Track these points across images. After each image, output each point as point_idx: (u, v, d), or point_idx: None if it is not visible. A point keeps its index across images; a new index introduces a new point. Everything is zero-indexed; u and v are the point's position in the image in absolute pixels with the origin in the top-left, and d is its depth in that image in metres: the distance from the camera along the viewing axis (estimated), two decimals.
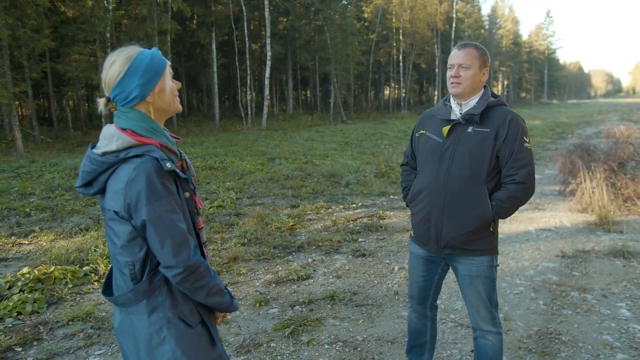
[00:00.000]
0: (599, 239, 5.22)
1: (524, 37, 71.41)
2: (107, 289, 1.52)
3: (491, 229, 2.15)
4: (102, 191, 1.38)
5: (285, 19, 32.97)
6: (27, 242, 5.40)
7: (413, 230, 2.35)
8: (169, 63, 1.47)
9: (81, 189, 1.42)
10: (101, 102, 1.42)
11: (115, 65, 1.38)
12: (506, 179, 2.08)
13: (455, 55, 2.12)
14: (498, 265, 2.24)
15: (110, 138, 1.36)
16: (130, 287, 1.39)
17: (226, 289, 1.51)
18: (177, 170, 1.38)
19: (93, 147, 1.40)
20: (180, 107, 1.50)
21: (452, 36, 43.07)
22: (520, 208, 2.19)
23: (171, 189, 1.35)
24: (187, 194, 1.45)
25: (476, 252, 2.15)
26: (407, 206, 2.37)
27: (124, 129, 1.38)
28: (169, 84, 1.45)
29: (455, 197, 2.10)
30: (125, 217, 1.32)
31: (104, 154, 1.35)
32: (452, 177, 2.11)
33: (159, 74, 1.42)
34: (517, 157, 2.04)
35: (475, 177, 2.08)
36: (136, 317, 1.40)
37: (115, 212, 1.33)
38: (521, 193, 2.05)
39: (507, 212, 2.09)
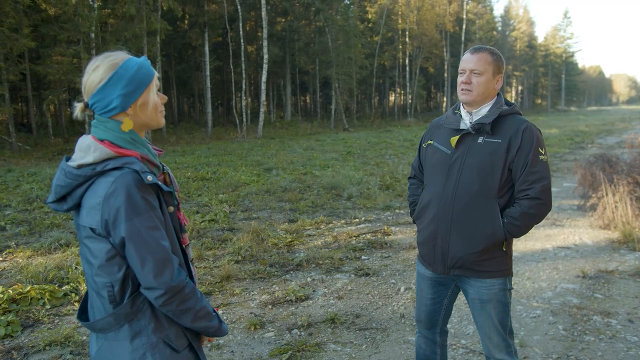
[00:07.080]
0: (623, 258, 5.22)
1: (540, 40, 72.11)
2: (83, 314, 1.51)
3: (504, 249, 2.14)
4: (77, 207, 1.38)
5: (283, 20, 33.28)
6: (1, 258, 5.39)
7: (418, 248, 2.35)
8: (157, 75, 1.48)
9: (54, 205, 1.42)
10: (78, 107, 1.43)
11: (98, 71, 1.39)
12: (519, 194, 2.08)
13: (468, 60, 2.12)
14: (512, 288, 2.23)
15: (87, 150, 1.36)
16: (109, 310, 1.38)
17: (215, 311, 1.51)
18: (160, 183, 1.38)
19: (68, 159, 1.40)
20: (162, 123, 1.51)
21: (462, 38, 43.45)
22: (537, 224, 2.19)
23: (153, 204, 1.35)
24: (171, 209, 1.45)
25: (487, 273, 2.14)
26: (414, 222, 2.37)
27: (101, 140, 1.38)
28: (153, 98, 1.46)
29: (463, 213, 2.10)
30: (103, 234, 1.32)
31: (80, 166, 1.35)
32: (460, 192, 2.10)
33: (143, 86, 1.42)
34: (531, 170, 2.04)
35: (486, 192, 2.08)
36: (117, 344, 1.39)
37: (92, 229, 1.33)
38: (536, 210, 2.05)
39: (520, 231, 2.09)
